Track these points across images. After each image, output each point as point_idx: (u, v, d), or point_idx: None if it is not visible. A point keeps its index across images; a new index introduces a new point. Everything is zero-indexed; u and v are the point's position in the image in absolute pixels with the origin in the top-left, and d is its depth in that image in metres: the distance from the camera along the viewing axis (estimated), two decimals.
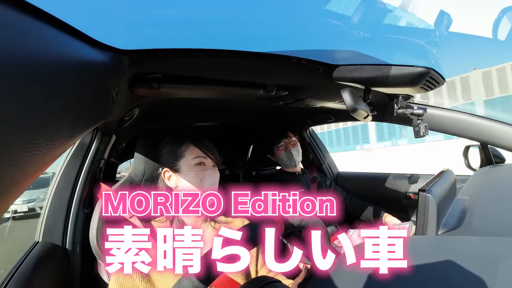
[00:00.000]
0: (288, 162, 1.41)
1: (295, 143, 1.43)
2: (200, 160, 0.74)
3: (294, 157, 1.39)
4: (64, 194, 0.83)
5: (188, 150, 0.75)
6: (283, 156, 1.40)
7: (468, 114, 1.08)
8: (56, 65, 0.26)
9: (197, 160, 0.74)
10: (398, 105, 0.90)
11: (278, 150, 1.41)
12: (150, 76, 0.61)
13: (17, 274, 0.63)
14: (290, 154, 1.39)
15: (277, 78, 0.78)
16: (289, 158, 1.39)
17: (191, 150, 0.75)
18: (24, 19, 0.23)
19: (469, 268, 0.33)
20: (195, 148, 0.75)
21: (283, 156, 1.40)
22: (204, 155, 0.75)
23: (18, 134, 0.20)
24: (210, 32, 0.51)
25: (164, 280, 0.64)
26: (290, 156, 1.39)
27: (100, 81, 0.40)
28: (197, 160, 0.74)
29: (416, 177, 1.40)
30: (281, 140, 1.40)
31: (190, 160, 0.74)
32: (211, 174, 0.74)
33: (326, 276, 0.41)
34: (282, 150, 1.40)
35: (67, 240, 0.80)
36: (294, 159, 1.39)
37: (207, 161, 0.76)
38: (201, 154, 0.75)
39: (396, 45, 0.76)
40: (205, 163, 0.75)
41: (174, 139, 0.77)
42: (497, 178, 0.99)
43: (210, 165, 0.76)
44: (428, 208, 0.66)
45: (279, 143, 1.40)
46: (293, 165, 1.41)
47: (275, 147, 1.42)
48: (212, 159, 0.76)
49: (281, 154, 1.40)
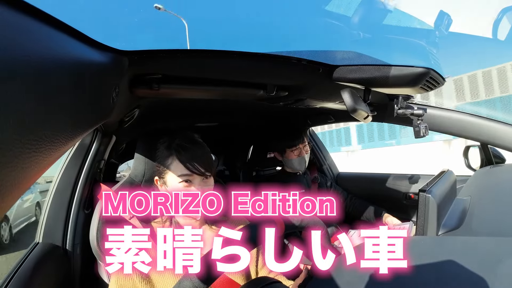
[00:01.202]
0: (298, 167, 1.39)
1: (308, 149, 1.42)
2: (184, 178, 0.69)
3: (306, 163, 1.39)
4: (64, 194, 0.83)
5: (173, 165, 0.70)
6: (294, 160, 1.38)
7: (468, 114, 1.08)
8: (56, 66, 0.26)
9: (181, 179, 0.69)
10: (398, 106, 0.91)
11: (291, 154, 1.38)
12: (150, 76, 0.61)
13: (17, 275, 0.63)
14: (303, 160, 1.38)
15: (277, 78, 0.78)
16: (300, 164, 1.39)
17: (176, 166, 0.70)
18: (25, 20, 0.23)
19: (469, 268, 0.33)
20: (179, 163, 0.69)
21: (295, 161, 1.38)
22: (189, 173, 0.69)
23: (18, 135, 0.20)
24: (210, 33, 0.51)
25: (164, 281, 0.64)
26: (302, 162, 1.38)
27: (100, 82, 0.40)
28: (181, 179, 0.69)
29: (417, 177, 1.40)
30: (298, 144, 1.38)
31: (175, 177, 0.69)
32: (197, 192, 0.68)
33: (326, 276, 0.40)
34: (295, 154, 1.38)
35: (67, 241, 0.80)
36: (305, 165, 1.39)
37: (193, 177, 0.70)
38: (185, 172, 0.69)
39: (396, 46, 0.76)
40: (191, 180, 0.70)
41: (164, 146, 0.73)
42: (497, 178, 0.99)
43: (197, 181, 0.70)
44: (428, 208, 0.66)
45: (295, 146, 1.37)
46: (301, 169, 1.41)
47: (288, 149, 1.39)
48: (199, 174, 0.70)
49: (294, 158, 1.38)
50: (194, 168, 0.69)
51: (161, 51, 0.52)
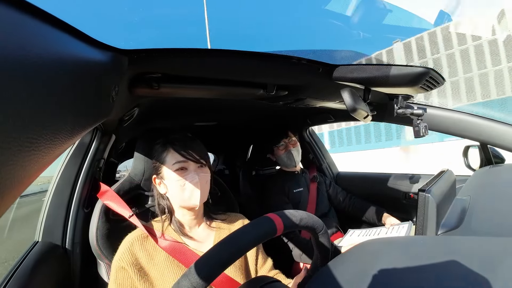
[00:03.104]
0: (288, 162, 1.41)
1: (295, 143, 1.43)
2: (180, 165, 0.70)
3: (294, 157, 1.39)
4: (64, 193, 0.83)
5: (169, 155, 0.71)
6: (283, 156, 1.40)
7: (468, 114, 1.08)
8: (55, 65, 0.26)
9: (176, 166, 0.70)
10: (398, 105, 0.91)
11: (279, 150, 1.41)
12: (150, 76, 0.61)
13: (16, 274, 0.63)
14: (290, 154, 1.39)
15: (277, 78, 0.78)
16: (289, 158, 1.39)
17: (171, 156, 0.71)
18: (24, 19, 0.23)
19: (469, 268, 0.33)
20: (174, 152, 0.71)
21: (283, 156, 1.40)
22: (184, 159, 0.70)
23: (17, 134, 0.20)
24: (210, 32, 0.51)
25: (163, 279, 0.64)
26: (290, 156, 1.39)
27: (100, 80, 0.40)
28: (176, 166, 0.70)
29: (417, 177, 1.40)
30: (281, 140, 1.40)
31: (170, 166, 0.70)
32: (193, 178, 0.70)
33: (325, 275, 0.41)
34: (282, 150, 1.40)
35: (67, 239, 0.80)
36: (294, 159, 1.39)
37: (188, 164, 0.71)
38: (180, 159, 0.70)
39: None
40: (186, 167, 0.71)
41: (160, 144, 0.74)
42: (497, 178, 0.99)
43: (192, 168, 0.71)
44: (428, 208, 0.66)
45: (279, 143, 1.40)
46: (293, 165, 1.41)
47: (275, 147, 1.42)
48: (194, 161, 0.71)
49: (282, 154, 1.40)
50: (189, 154, 0.71)
51: (161, 50, 0.52)
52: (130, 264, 0.64)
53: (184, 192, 0.70)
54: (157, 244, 0.69)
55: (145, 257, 0.66)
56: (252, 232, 0.44)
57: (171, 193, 0.72)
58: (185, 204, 0.71)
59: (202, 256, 0.41)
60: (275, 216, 0.48)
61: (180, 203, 0.72)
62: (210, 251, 0.41)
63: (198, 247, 0.72)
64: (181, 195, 0.70)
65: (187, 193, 0.70)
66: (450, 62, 11.83)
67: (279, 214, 0.48)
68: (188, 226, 0.75)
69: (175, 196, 0.71)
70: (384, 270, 0.36)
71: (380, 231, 1.18)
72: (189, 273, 0.38)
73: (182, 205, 0.72)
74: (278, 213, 0.49)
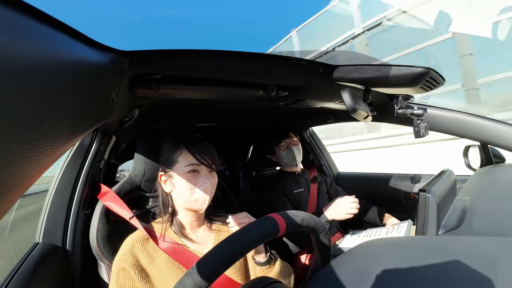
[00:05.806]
0: (289, 161, 1.40)
1: (297, 142, 1.43)
2: (192, 167, 0.71)
3: (296, 155, 1.39)
4: (64, 195, 0.83)
5: (182, 156, 0.72)
6: (284, 155, 1.40)
7: (468, 114, 1.08)
8: (56, 66, 0.26)
9: (189, 168, 0.70)
10: (398, 105, 0.91)
11: (280, 149, 1.41)
12: (150, 77, 0.61)
13: (17, 275, 0.63)
14: (292, 152, 1.38)
15: (277, 78, 0.78)
16: (291, 157, 1.39)
17: (185, 156, 0.71)
18: (24, 20, 0.23)
19: (469, 268, 0.33)
20: (188, 154, 0.71)
21: (285, 154, 1.40)
22: (198, 162, 0.71)
23: (18, 135, 0.20)
24: (210, 33, 0.51)
25: (163, 280, 0.64)
26: (291, 154, 1.39)
27: (100, 82, 0.40)
28: (189, 168, 0.70)
29: (418, 177, 1.40)
30: (283, 140, 1.40)
31: (183, 167, 0.70)
32: (204, 182, 0.70)
33: (326, 276, 0.40)
34: (283, 149, 1.40)
35: (67, 241, 0.80)
36: (296, 158, 1.39)
37: (201, 168, 0.72)
38: (194, 161, 0.71)
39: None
40: (198, 170, 0.71)
41: (171, 143, 0.75)
42: (497, 178, 0.99)
43: (204, 172, 0.72)
44: (428, 208, 0.66)
45: (280, 143, 1.40)
46: (294, 164, 1.41)
47: (276, 147, 1.41)
48: (207, 166, 0.72)
49: (283, 152, 1.40)
50: (203, 158, 0.72)
51: (161, 51, 0.52)
52: (131, 265, 0.64)
53: (193, 195, 0.70)
54: (157, 246, 0.69)
55: (146, 259, 0.66)
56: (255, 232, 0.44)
57: (177, 193, 0.72)
58: (191, 206, 0.71)
59: (205, 254, 0.41)
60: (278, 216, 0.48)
61: (186, 205, 0.72)
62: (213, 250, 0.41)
63: (198, 249, 0.72)
64: (189, 197, 0.70)
65: (195, 196, 0.70)
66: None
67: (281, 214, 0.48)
68: (189, 227, 0.75)
69: (182, 197, 0.71)
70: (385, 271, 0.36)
71: (381, 231, 1.18)
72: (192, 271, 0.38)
73: (187, 207, 0.72)
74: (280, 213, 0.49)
